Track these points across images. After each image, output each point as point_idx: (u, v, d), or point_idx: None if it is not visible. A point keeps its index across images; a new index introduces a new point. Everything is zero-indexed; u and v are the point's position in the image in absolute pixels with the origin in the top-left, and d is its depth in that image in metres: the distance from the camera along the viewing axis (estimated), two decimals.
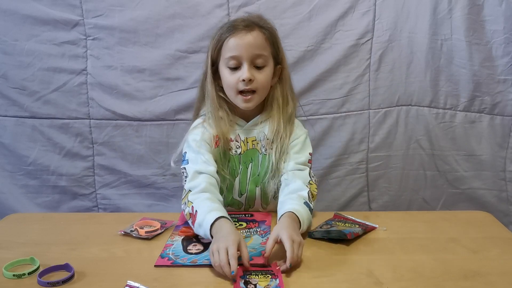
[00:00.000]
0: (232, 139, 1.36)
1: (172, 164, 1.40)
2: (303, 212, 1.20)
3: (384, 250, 1.15)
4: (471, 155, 1.77)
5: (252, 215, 1.34)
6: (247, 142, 1.37)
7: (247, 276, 0.96)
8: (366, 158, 1.81)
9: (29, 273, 1.03)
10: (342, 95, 1.75)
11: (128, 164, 1.79)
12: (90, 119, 1.75)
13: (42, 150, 1.77)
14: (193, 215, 1.20)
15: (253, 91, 1.29)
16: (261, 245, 1.14)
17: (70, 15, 1.68)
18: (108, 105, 1.74)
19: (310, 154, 1.38)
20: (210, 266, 1.06)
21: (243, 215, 1.34)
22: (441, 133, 1.77)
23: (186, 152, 1.34)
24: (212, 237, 1.11)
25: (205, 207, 1.19)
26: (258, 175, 1.36)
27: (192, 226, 1.21)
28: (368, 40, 1.71)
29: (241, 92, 1.30)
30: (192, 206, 1.21)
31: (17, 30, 1.69)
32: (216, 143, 1.33)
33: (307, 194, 1.26)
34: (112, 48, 1.71)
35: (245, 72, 1.26)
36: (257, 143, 1.37)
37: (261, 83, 1.29)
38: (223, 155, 1.34)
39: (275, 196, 1.34)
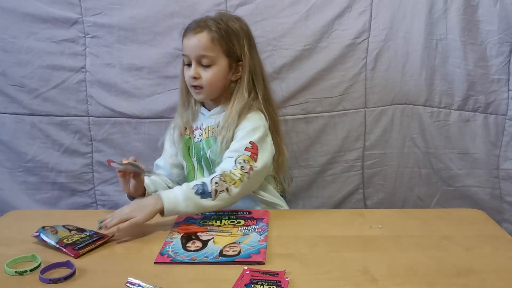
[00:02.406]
0: (198, 127, 1.53)
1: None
2: (178, 195, 1.29)
3: (379, 247, 1.17)
4: (465, 153, 1.79)
5: (250, 213, 1.36)
6: (208, 130, 1.50)
7: (252, 285, 0.98)
8: (361, 156, 1.83)
9: (31, 270, 1.05)
10: (338, 93, 1.76)
11: None
12: (89, 116, 1.76)
13: (41, 147, 1.78)
14: None
15: (201, 87, 1.46)
16: (259, 243, 1.16)
17: (69, 13, 1.69)
18: (107, 102, 1.75)
19: (250, 142, 1.40)
20: (209, 263, 1.08)
21: (241, 213, 1.36)
22: (436, 131, 1.79)
23: None
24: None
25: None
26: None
27: None
28: (365, 39, 1.72)
29: (193, 86, 1.47)
30: None
31: (16, 28, 1.69)
32: (181, 133, 1.54)
33: (210, 178, 1.32)
34: (111, 46, 1.71)
35: (191, 70, 1.44)
36: (215, 130, 1.48)
37: (206, 80, 1.44)
38: (187, 142, 1.53)
39: None
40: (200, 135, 1.51)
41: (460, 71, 1.72)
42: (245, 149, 1.39)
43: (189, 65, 1.46)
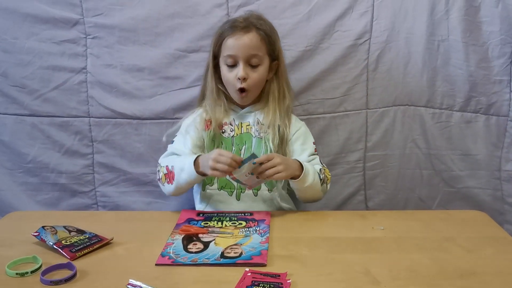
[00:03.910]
0: (227, 123, 1.52)
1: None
2: (309, 166, 1.39)
3: (381, 249, 1.17)
4: (467, 155, 1.79)
5: (251, 214, 1.35)
6: (241, 127, 1.52)
7: (254, 287, 0.98)
8: (363, 157, 1.82)
9: (32, 272, 1.05)
10: (340, 94, 1.76)
11: (128, 162, 1.79)
12: (90, 117, 1.76)
13: (41, 148, 1.77)
14: (170, 172, 1.42)
15: (246, 89, 1.45)
16: (261, 244, 1.16)
17: (70, 14, 1.68)
18: (108, 103, 1.74)
19: (313, 143, 1.55)
20: (210, 265, 1.08)
21: (243, 214, 1.35)
22: (437, 132, 1.79)
23: (177, 134, 1.54)
24: (197, 170, 1.35)
25: (180, 158, 1.43)
26: None
27: (168, 185, 1.44)
28: (366, 40, 1.72)
29: (239, 90, 1.46)
30: (166, 166, 1.44)
31: (17, 29, 1.69)
32: (207, 126, 1.50)
33: (318, 169, 1.44)
34: (112, 46, 1.71)
35: (240, 70, 1.43)
36: (251, 128, 1.51)
37: (254, 81, 1.46)
38: (213, 137, 1.50)
39: (266, 183, 1.47)
40: (231, 131, 1.51)
41: (462, 72, 1.71)
42: (315, 150, 1.53)
43: (232, 66, 1.45)
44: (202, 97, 1.60)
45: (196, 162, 1.37)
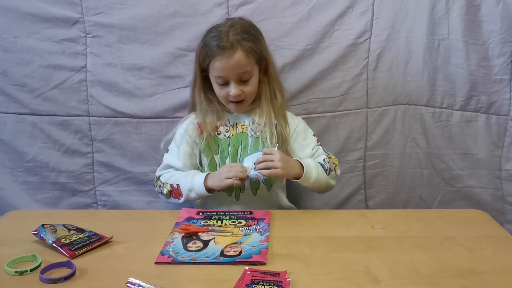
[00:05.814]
0: (222, 124, 1.53)
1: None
2: (310, 162, 1.43)
3: (381, 248, 1.17)
4: (467, 154, 1.79)
5: (251, 213, 1.35)
6: (236, 127, 1.53)
7: (253, 286, 0.97)
8: (363, 156, 1.82)
9: (31, 270, 1.05)
10: (340, 93, 1.76)
11: (128, 161, 1.79)
12: (90, 116, 1.76)
13: (42, 147, 1.77)
14: (175, 189, 1.46)
15: (242, 100, 1.48)
16: (260, 243, 1.16)
17: (70, 13, 1.68)
18: (108, 102, 1.74)
19: (314, 135, 1.58)
20: (210, 263, 1.08)
21: (242, 213, 1.35)
22: (438, 132, 1.78)
23: (172, 142, 1.56)
24: (207, 189, 1.41)
25: (185, 176, 1.46)
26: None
27: (175, 199, 1.48)
28: (366, 39, 1.72)
29: (234, 102, 1.48)
30: (170, 184, 1.47)
31: (17, 28, 1.69)
32: (200, 131, 1.52)
33: (322, 159, 1.47)
34: (112, 45, 1.71)
35: (232, 89, 1.44)
36: (246, 127, 1.52)
37: (249, 93, 1.48)
38: (208, 140, 1.51)
39: (264, 181, 1.48)
40: (226, 132, 1.52)
41: (462, 71, 1.71)
42: (317, 141, 1.56)
43: (224, 84, 1.46)
44: (192, 106, 1.60)
45: (205, 184, 1.42)
